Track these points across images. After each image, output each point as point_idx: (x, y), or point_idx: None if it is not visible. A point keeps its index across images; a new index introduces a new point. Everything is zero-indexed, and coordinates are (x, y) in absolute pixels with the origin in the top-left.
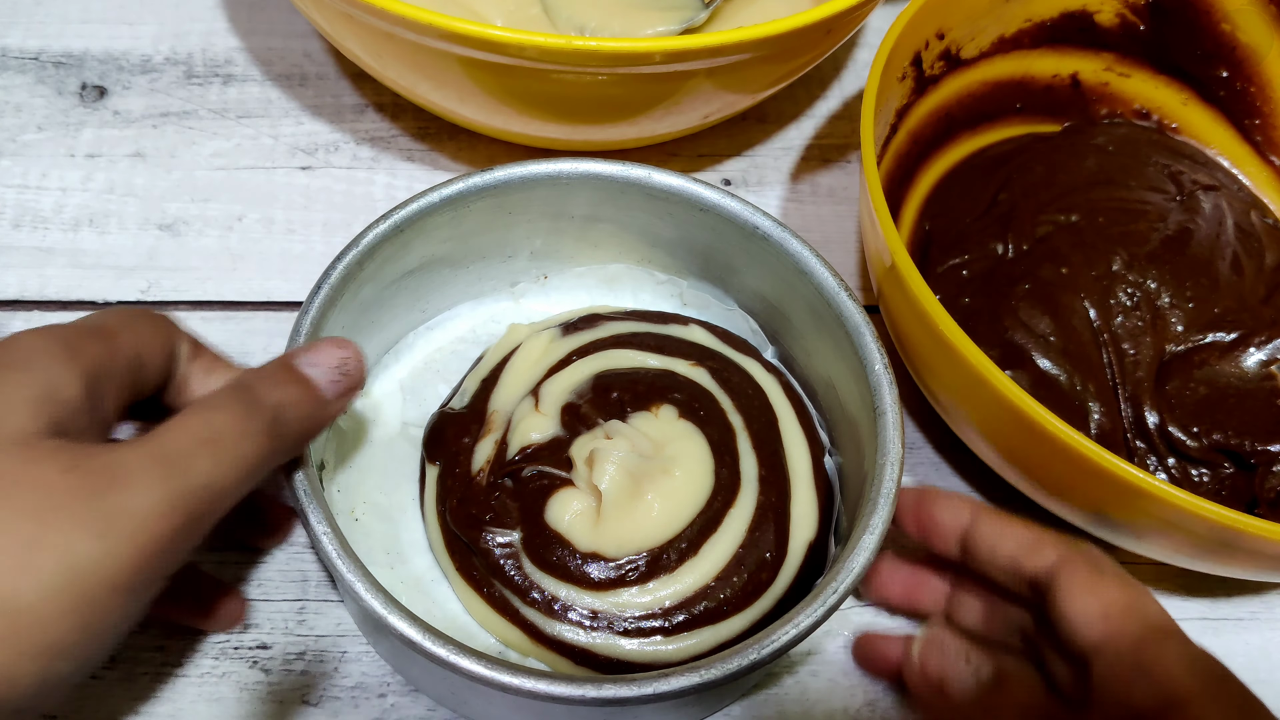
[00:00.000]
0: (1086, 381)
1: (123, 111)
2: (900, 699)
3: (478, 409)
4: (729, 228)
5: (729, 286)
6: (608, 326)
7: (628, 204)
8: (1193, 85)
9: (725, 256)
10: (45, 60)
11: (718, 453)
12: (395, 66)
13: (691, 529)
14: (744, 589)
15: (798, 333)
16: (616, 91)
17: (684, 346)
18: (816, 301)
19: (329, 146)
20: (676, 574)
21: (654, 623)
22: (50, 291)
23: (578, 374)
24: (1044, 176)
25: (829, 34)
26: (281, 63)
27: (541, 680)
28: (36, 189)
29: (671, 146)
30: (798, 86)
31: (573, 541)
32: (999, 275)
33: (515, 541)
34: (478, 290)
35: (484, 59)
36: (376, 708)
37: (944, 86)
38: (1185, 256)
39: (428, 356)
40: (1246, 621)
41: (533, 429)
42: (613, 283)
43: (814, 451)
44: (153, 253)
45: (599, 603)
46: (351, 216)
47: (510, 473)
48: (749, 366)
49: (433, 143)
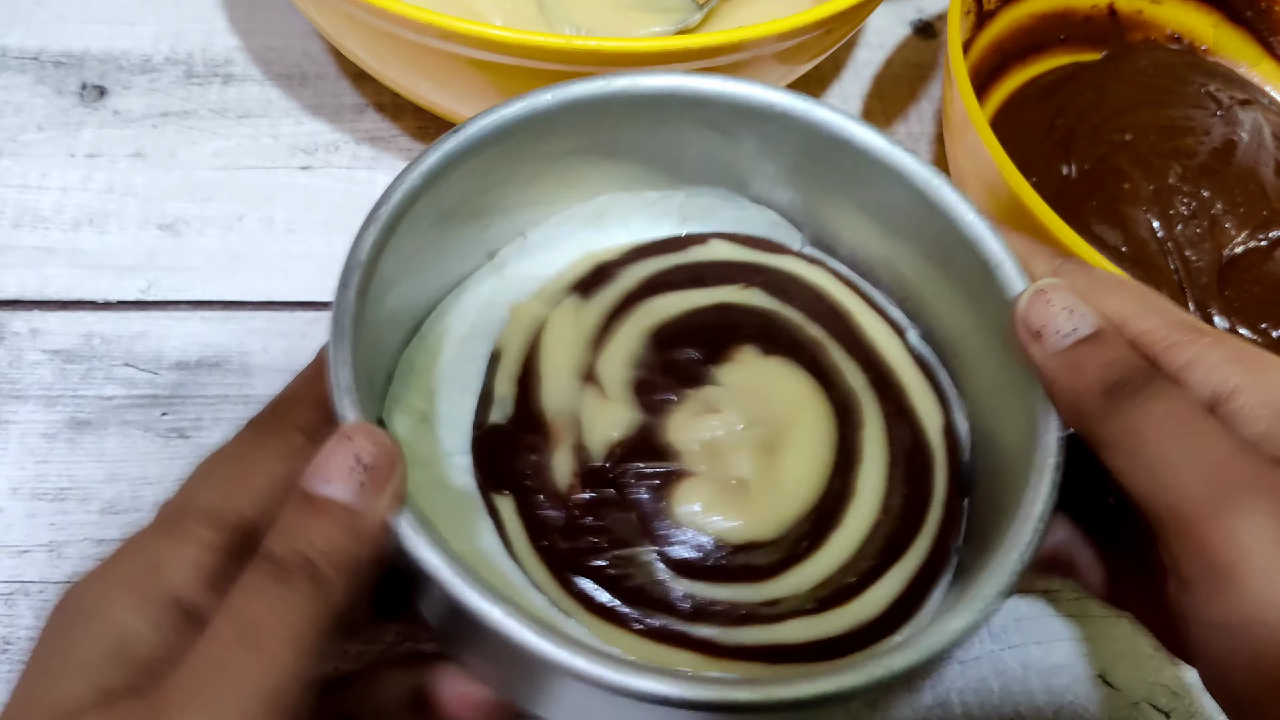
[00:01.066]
0: (1159, 287)
1: (123, 111)
2: None
3: (529, 415)
4: (734, 118)
5: (737, 184)
6: (628, 273)
7: (612, 122)
8: (1221, 8)
9: (730, 152)
10: (45, 60)
11: (820, 376)
12: (395, 66)
13: (840, 470)
14: (912, 505)
15: (835, 214)
16: None
17: (720, 269)
18: (864, 168)
19: (329, 146)
20: (844, 523)
21: (843, 581)
22: (50, 291)
23: (629, 339)
24: (1094, 101)
25: (829, 34)
26: (281, 63)
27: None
28: (36, 189)
29: None
30: (798, 86)
31: (720, 536)
32: (1068, 194)
33: (651, 558)
34: (458, 272)
35: (484, 58)
36: None
37: (999, 19)
38: (1232, 166)
39: (439, 369)
40: None
41: (611, 423)
42: (599, 219)
43: (898, 333)
44: (153, 252)
45: (775, 589)
46: (352, 216)
47: (611, 480)
48: (793, 267)
49: (432, 142)
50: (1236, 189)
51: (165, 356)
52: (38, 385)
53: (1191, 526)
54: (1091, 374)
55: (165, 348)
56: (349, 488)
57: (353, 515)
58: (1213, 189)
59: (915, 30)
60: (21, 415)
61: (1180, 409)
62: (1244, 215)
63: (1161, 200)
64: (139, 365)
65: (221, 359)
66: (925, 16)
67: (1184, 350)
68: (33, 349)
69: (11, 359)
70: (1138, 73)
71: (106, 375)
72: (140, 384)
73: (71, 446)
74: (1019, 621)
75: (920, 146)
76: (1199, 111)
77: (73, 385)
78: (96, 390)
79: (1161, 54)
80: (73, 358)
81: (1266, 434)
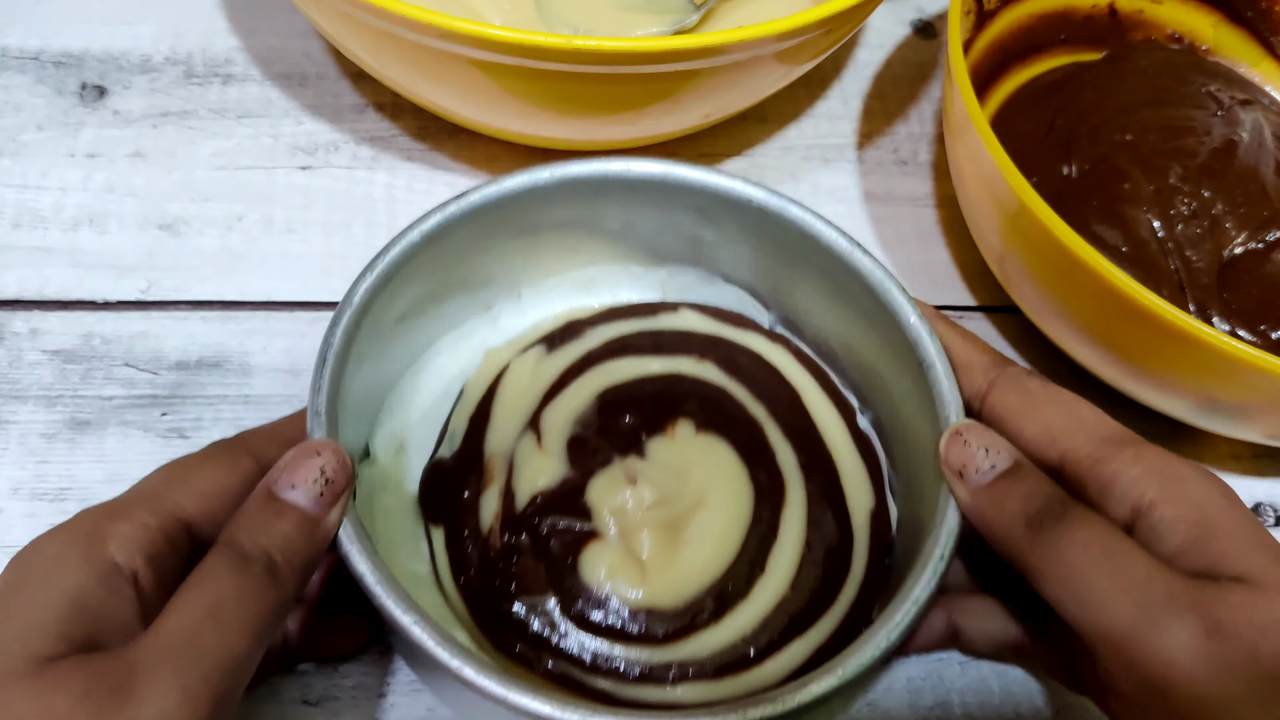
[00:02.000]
0: (1160, 288)
1: (123, 111)
2: None
3: (471, 453)
4: (719, 206)
5: (716, 265)
6: (595, 333)
7: (605, 200)
8: (1222, 8)
9: (713, 236)
10: (45, 60)
11: (749, 458)
12: (395, 66)
13: (749, 547)
14: (824, 583)
15: (802, 299)
16: (615, 91)
17: (682, 339)
18: (827, 263)
19: (329, 146)
20: (750, 597)
21: (743, 651)
22: (50, 291)
23: (577, 397)
24: (1094, 101)
25: (829, 34)
26: (281, 63)
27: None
28: (36, 189)
29: (671, 146)
30: (798, 86)
31: (622, 600)
32: (1068, 194)
33: (553, 609)
34: (457, 319)
35: (483, 58)
36: (376, 708)
37: (1000, 19)
38: (1232, 166)
39: (422, 403)
40: None
41: (539, 473)
42: (589, 285)
43: (846, 416)
44: (153, 252)
45: (674, 654)
46: (351, 216)
47: (526, 528)
48: (754, 343)
49: (433, 142)
50: (1237, 189)
51: (165, 356)
52: (38, 385)
53: (1122, 648)
54: (1013, 507)
55: (165, 348)
56: (310, 496)
57: (309, 522)
58: (1213, 189)
59: (915, 30)
60: (21, 415)
61: (1099, 534)
62: (1244, 216)
63: (1162, 200)
64: (139, 365)
65: (221, 359)
66: (925, 16)
67: (1107, 466)
68: (33, 349)
69: (11, 359)
70: (1138, 73)
71: (106, 375)
72: (140, 384)
73: (71, 447)
74: None
75: (920, 146)
76: (1199, 111)
77: (73, 385)
78: (96, 390)
79: (1162, 54)
80: (73, 358)
81: (1181, 549)
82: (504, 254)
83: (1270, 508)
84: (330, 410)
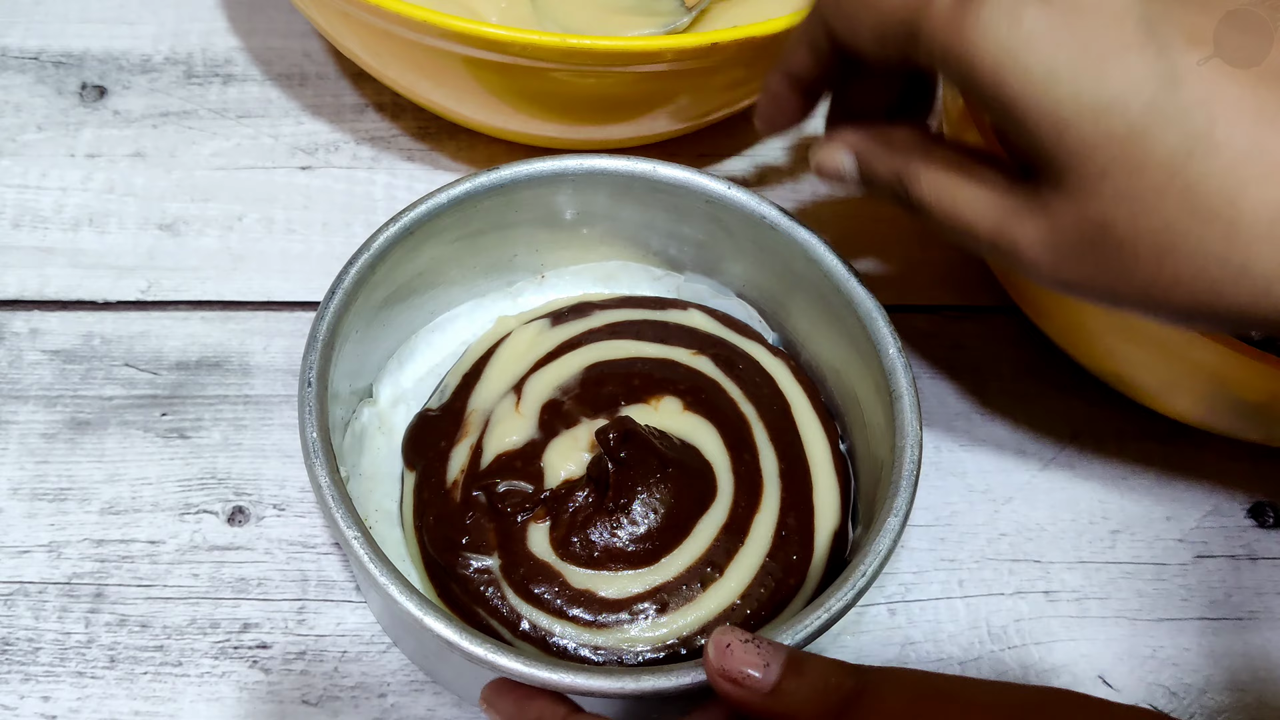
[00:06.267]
0: None
1: (123, 111)
2: None
3: (455, 408)
4: (734, 218)
5: (728, 277)
6: (601, 315)
7: (630, 199)
8: None
9: (726, 248)
10: (45, 60)
11: (733, 448)
12: (395, 66)
13: (716, 548)
14: (770, 599)
15: (802, 321)
16: (613, 90)
17: (684, 333)
18: (825, 288)
19: (329, 146)
20: (699, 601)
21: (671, 651)
22: (50, 291)
23: (566, 367)
24: None
25: None
26: (281, 63)
27: (588, 675)
28: (36, 189)
29: (671, 146)
30: None
31: (563, 575)
32: None
33: (494, 568)
34: (481, 289)
35: (482, 57)
36: (376, 708)
37: None
38: None
39: (432, 359)
40: (1246, 622)
41: (509, 432)
42: (610, 279)
43: (830, 436)
44: (153, 252)
45: (602, 639)
46: (351, 216)
47: (483, 486)
48: (755, 352)
49: (433, 142)
50: None
51: (165, 357)
52: (38, 385)
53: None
54: (811, 702)
55: (165, 348)
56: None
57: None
58: None
59: None
60: (21, 415)
61: None
62: None
63: None
64: (139, 365)
65: (221, 359)
66: None
67: None
68: (33, 349)
69: (11, 359)
70: None
71: (106, 375)
72: (140, 384)
73: (71, 446)
74: (1019, 622)
75: None
76: None
77: (73, 385)
78: (96, 390)
79: None
80: (73, 358)
81: None
82: (529, 235)
83: (1270, 508)
84: (328, 339)
